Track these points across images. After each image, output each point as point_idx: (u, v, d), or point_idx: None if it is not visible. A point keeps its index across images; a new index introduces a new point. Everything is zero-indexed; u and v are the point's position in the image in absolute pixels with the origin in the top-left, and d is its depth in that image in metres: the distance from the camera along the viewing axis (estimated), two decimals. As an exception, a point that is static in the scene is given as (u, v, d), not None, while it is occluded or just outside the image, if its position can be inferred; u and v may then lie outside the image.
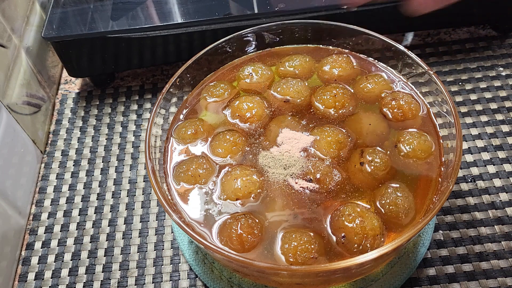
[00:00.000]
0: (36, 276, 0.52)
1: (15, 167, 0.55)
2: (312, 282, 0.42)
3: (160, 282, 0.50)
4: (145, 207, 0.56)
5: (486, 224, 0.51)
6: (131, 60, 0.65)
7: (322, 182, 0.43)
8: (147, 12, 0.62)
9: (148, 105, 0.67)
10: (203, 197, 0.43)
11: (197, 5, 0.62)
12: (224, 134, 0.47)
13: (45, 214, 0.57)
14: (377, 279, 0.46)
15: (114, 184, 0.59)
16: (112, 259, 0.52)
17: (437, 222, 0.52)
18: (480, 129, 0.60)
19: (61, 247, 0.54)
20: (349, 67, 0.52)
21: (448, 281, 0.48)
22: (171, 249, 0.52)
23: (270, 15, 0.60)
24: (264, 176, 0.44)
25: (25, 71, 0.62)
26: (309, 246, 0.38)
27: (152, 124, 0.45)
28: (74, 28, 0.60)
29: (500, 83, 0.65)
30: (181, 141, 0.48)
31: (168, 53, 0.65)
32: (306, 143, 0.45)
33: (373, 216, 0.40)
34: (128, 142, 0.63)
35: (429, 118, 0.47)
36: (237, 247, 0.39)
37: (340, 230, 0.39)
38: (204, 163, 0.45)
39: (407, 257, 0.48)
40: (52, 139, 0.64)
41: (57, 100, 0.69)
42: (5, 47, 0.57)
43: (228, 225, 0.40)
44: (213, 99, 0.51)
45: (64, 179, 0.60)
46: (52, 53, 0.70)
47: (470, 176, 0.56)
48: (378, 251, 0.35)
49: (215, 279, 0.48)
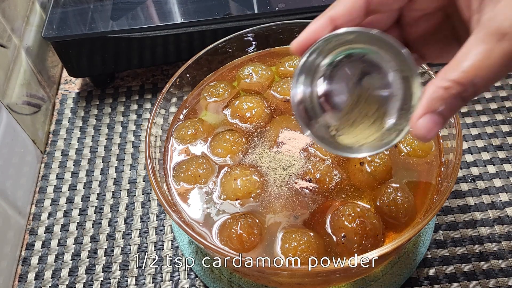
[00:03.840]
0: (36, 276, 0.52)
1: (15, 167, 0.55)
2: (312, 282, 0.42)
3: (160, 282, 0.50)
4: (145, 207, 0.56)
5: (486, 224, 0.51)
6: (131, 60, 0.65)
7: (322, 182, 0.43)
8: (147, 12, 0.62)
9: (148, 105, 0.67)
10: (203, 197, 0.43)
11: (197, 5, 0.62)
12: (224, 134, 0.47)
13: (45, 214, 0.57)
14: (377, 279, 0.46)
15: (114, 184, 0.59)
16: (112, 259, 0.52)
17: (437, 222, 0.52)
18: (480, 129, 0.60)
19: (61, 247, 0.54)
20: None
21: (448, 281, 0.48)
22: (171, 249, 0.52)
23: (270, 15, 0.60)
24: (264, 176, 0.44)
25: (25, 71, 0.62)
26: (309, 246, 0.38)
27: (152, 124, 0.45)
28: (74, 28, 0.60)
29: (500, 83, 0.65)
30: (181, 141, 0.48)
31: (168, 53, 0.65)
32: (306, 143, 0.45)
33: (373, 216, 0.40)
34: (128, 142, 0.63)
35: (429, 118, 0.47)
36: (237, 247, 0.39)
37: (340, 230, 0.39)
38: (204, 163, 0.45)
39: (407, 257, 0.48)
40: (52, 139, 0.64)
41: (57, 100, 0.69)
42: (5, 47, 0.57)
43: (228, 225, 0.40)
44: (213, 99, 0.51)
45: (64, 179, 0.60)
46: (52, 53, 0.70)
47: (470, 176, 0.56)
48: (378, 251, 0.35)
49: (215, 279, 0.48)
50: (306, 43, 0.30)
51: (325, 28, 0.30)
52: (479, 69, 0.26)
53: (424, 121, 0.27)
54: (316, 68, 0.33)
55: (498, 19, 0.26)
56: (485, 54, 0.26)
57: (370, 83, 0.33)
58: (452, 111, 0.27)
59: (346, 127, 0.33)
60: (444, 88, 0.26)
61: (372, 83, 0.33)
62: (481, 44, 0.26)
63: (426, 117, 0.27)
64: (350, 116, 0.33)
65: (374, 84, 0.33)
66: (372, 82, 0.33)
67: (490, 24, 0.26)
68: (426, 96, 0.27)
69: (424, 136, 0.27)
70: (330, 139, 0.34)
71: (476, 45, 0.26)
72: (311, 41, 0.30)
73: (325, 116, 0.34)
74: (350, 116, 0.33)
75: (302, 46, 0.30)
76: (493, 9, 0.26)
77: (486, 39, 0.26)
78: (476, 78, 0.26)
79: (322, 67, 0.33)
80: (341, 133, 0.34)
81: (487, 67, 0.25)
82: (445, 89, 0.26)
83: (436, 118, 0.27)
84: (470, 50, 0.26)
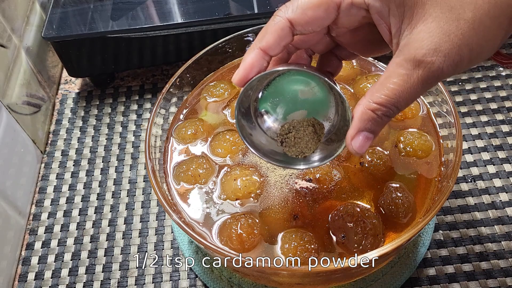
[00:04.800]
0: (36, 276, 0.52)
1: (15, 167, 0.55)
2: (312, 282, 0.42)
3: (160, 282, 0.50)
4: (145, 207, 0.56)
5: (486, 224, 0.51)
6: (131, 60, 0.65)
7: (322, 182, 0.43)
8: (147, 12, 0.62)
9: (148, 105, 0.67)
10: (203, 197, 0.43)
11: (197, 5, 0.62)
12: (224, 134, 0.47)
13: (45, 214, 0.57)
14: (377, 279, 0.46)
15: (114, 184, 0.59)
16: (112, 259, 0.52)
17: (437, 222, 0.52)
18: (480, 129, 0.60)
19: (61, 247, 0.54)
20: (349, 67, 0.52)
21: (448, 281, 0.48)
22: (171, 249, 0.52)
23: (270, 15, 0.59)
24: (264, 176, 0.44)
25: (25, 71, 0.62)
26: (309, 246, 0.38)
27: (152, 124, 0.45)
28: (74, 28, 0.60)
29: (500, 83, 0.65)
30: (181, 141, 0.48)
31: (168, 53, 0.65)
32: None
33: (373, 216, 0.40)
34: (128, 142, 0.63)
35: (429, 118, 0.47)
36: (237, 247, 0.39)
37: (340, 230, 0.39)
38: (204, 163, 0.45)
39: (407, 257, 0.48)
40: (52, 139, 0.64)
41: (57, 100, 0.69)
42: (5, 47, 0.57)
43: (228, 225, 0.40)
44: (213, 99, 0.51)
45: (64, 179, 0.60)
46: (52, 53, 0.70)
47: (470, 176, 0.56)
48: (378, 251, 0.35)
49: (215, 279, 0.48)
50: (245, 77, 0.33)
51: (260, 60, 0.33)
52: (400, 92, 0.29)
53: (357, 139, 0.31)
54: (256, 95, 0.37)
55: (413, 46, 0.28)
56: (404, 79, 0.29)
57: (306, 101, 0.38)
58: (380, 127, 0.31)
59: (290, 140, 0.38)
60: (372, 110, 0.30)
61: (309, 102, 0.38)
62: (400, 69, 0.29)
63: (358, 136, 0.31)
64: (291, 129, 0.38)
65: (311, 102, 0.38)
66: (308, 101, 0.38)
67: (407, 51, 0.29)
68: (356, 117, 0.31)
69: (359, 152, 0.31)
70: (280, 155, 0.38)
71: (396, 69, 0.29)
72: (249, 75, 0.33)
73: (268, 130, 0.39)
74: (291, 129, 0.38)
75: (242, 80, 0.33)
76: (409, 36, 0.29)
77: (405, 65, 0.29)
78: (398, 101, 0.29)
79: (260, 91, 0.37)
80: (286, 146, 0.38)
81: (406, 91, 0.29)
82: (372, 111, 0.30)
83: (367, 134, 0.31)
84: (391, 74, 0.29)
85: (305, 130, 0.37)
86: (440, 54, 0.28)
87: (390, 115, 0.30)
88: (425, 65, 0.28)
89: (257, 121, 0.38)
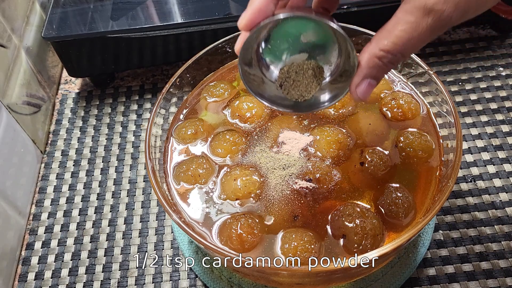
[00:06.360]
0: (36, 276, 0.52)
1: (15, 167, 0.55)
2: (312, 282, 0.42)
3: (160, 282, 0.50)
4: (145, 207, 0.56)
5: (486, 224, 0.51)
6: (131, 60, 0.65)
7: (321, 182, 0.43)
8: (147, 12, 0.62)
9: (148, 105, 0.67)
10: (203, 197, 0.43)
11: (197, 5, 0.62)
12: (224, 134, 0.47)
13: (45, 214, 0.57)
14: (377, 279, 0.46)
15: (114, 184, 0.59)
16: (112, 259, 0.52)
17: (437, 222, 0.52)
18: (480, 129, 0.60)
19: (61, 247, 0.54)
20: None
21: (448, 281, 0.48)
22: (171, 249, 0.52)
23: (270, 15, 0.60)
24: (263, 176, 0.44)
25: (25, 71, 0.62)
26: (309, 246, 0.38)
27: (152, 124, 0.45)
28: (74, 28, 0.60)
29: (500, 83, 0.65)
30: (181, 141, 0.48)
31: (168, 53, 0.65)
32: (306, 143, 0.45)
33: (373, 216, 0.40)
34: (128, 142, 0.63)
35: (429, 118, 0.47)
36: (237, 247, 0.39)
37: (340, 230, 0.39)
38: (204, 163, 0.45)
39: (407, 257, 0.48)
40: (52, 139, 0.64)
41: (57, 100, 0.69)
42: (5, 47, 0.57)
43: (228, 225, 0.40)
44: (213, 99, 0.51)
45: (64, 179, 0.60)
46: (52, 53, 0.70)
47: (470, 176, 0.56)
48: (378, 251, 0.35)
49: (215, 279, 0.48)
50: (252, 22, 0.32)
51: (269, 4, 0.32)
52: (407, 40, 0.29)
53: (361, 87, 0.31)
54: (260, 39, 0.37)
55: None
56: (413, 26, 0.28)
57: (308, 45, 0.37)
58: (383, 74, 0.31)
59: (288, 83, 0.37)
60: (378, 58, 0.30)
61: (311, 46, 0.37)
62: (409, 16, 0.28)
63: (363, 83, 0.31)
64: (291, 73, 0.37)
65: (313, 46, 0.37)
66: (310, 45, 0.37)
67: None
68: (362, 64, 0.31)
69: (363, 99, 0.32)
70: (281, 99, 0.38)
71: (404, 16, 0.29)
72: (257, 19, 0.32)
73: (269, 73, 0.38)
74: (290, 72, 0.37)
75: (248, 24, 0.32)
76: None
77: (414, 12, 0.28)
78: (405, 48, 0.29)
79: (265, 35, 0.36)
80: (285, 88, 0.38)
81: (414, 39, 0.29)
82: (378, 58, 0.30)
83: (371, 81, 0.31)
84: (399, 21, 0.29)
85: (305, 74, 0.37)
86: (450, 2, 0.28)
87: (396, 62, 0.30)
88: (435, 14, 0.28)
89: (262, 70, 0.38)
